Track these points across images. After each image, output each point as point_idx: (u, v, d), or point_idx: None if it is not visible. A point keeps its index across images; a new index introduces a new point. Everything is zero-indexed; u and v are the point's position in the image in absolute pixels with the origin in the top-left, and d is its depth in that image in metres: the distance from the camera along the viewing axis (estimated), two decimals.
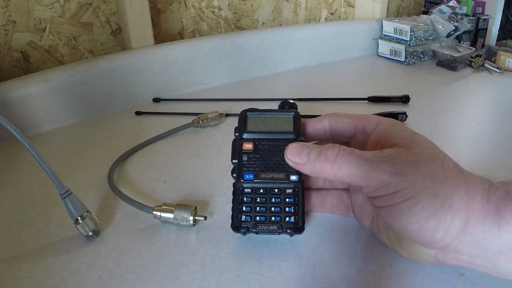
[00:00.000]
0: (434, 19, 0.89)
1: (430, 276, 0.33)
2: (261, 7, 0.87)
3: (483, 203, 0.28)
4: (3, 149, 0.53)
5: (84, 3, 0.66)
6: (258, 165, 0.35)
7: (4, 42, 0.61)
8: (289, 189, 0.35)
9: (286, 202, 0.35)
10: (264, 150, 0.36)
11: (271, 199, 0.35)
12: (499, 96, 0.74)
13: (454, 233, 0.28)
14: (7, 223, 0.40)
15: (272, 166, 0.35)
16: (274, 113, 0.38)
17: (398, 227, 0.29)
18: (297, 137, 0.36)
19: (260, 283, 0.32)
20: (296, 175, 0.35)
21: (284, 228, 0.34)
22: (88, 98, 0.62)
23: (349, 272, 0.33)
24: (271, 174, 0.35)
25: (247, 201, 0.35)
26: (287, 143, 0.34)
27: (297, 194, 0.35)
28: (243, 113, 0.38)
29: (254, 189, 0.35)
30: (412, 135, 0.31)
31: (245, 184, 0.35)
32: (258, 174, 0.35)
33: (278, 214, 0.34)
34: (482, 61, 0.85)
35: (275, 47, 0.82)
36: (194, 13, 0.78)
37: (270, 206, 0.35)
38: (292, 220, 0.34)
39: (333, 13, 1.00)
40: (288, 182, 0.35)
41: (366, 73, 0.87)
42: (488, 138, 0.57)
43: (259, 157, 0.36)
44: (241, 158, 0.36)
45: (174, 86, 0.70)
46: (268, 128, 0.37)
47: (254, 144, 0.36)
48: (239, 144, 0.36)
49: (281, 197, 0.35)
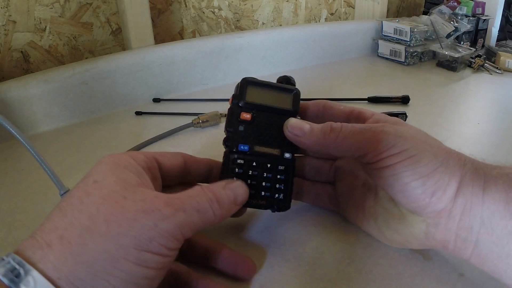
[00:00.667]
0: (434, 19, 0.89)
1: (430, 276, 0.33)
2: (261, 7, 0.87)
3: (472, 169, 0.30)
4: (3, 149, 0.53)
5: (84, 3, 0.66)
6: (254, 138, 0.34)
7: (4, 42, 0.61)
8: (281, 165, 0.34)
9: (277, 179, 0.34)
10: (261, 122, 0.35)
11: (263, 174, 0.34)
12: (499, 96, 0.74)
13: (450, 194, 0.29)
14: (7, 223, 0.40)
15: (268, 140, 0.34)
16: (274, 86, 0.37)
17: (399, 188, 0.30)
18: (294, 115, 0.35)
19: (260, 284, 0.32)
20: (289, 153, 0.34)
21: (272, 204, 0.34)
22: (88, 98, 0.62)
23: (349, 272, 0.33)
24: (266, 148, 0.34)
25: (239, 172, 0.33)
26: (284, 120, 0.34)
27: (288, 172, 0.34)
28: (243, 81, 0.36)
29: (247, 161, 0.34)
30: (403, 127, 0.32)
31: (238, 155, 0.34)
32: (253, 146, 0.34)
33: (268, 189, 0.34)
34: (482, 61, 0.85)
35: (275, 47, 0.82)
36: (194, 13, 0.78)
37: (261, 181, 0.34)
38: (281, 197, 0.34)
39: (333, 13, 1.00)
40: (281, 159, 0.34)
41: (366, 73, 0.87)
42: (488, 138, 0.57)
43: (255, 129, 0.34)
44: (237, 127, 0.34)
45: (174, 86, 0.70)
46: (267, 101, 0.35)
47: (252, 115, 0.35)
48: (236, 112, 0.35)
49: (272, 173, 0.34)
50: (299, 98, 0.36)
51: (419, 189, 0.29)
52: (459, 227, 0.30)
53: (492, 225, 0.28)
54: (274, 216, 0.40)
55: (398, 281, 0.33)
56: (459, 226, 0.30)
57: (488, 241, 0.29)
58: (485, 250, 0.29)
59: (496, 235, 0.28)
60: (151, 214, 0.24)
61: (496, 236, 0.28)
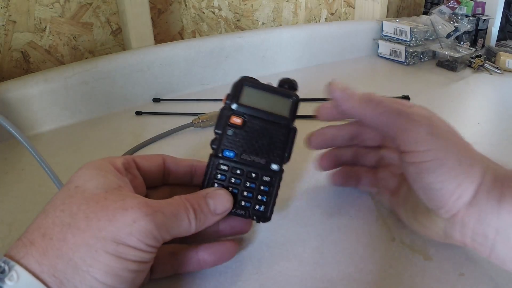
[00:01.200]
0: (434, 19, 0.89)
1: (430, 276, 0.33)
2: (261, 7, 0.87)
3: (492, 179, 0.30)
4: (3, 149, 0.53)
5: (84, 3, 0.66)
6: (242, 145, 0.33)
7: (4, 42, 0.61)
8: (266, 177, 0.33)
9: (260, 190, 0.33)
10: (252, 129, 0.33)
11: (245, 183, 0.33)
12: (499, 96, 0.74)
13: (466, 200, 0.29)
14: (7, 223, 0.40)
15: (256, 149, 0.33)
16: (272, 90, 0.34)
17: (421, 185, 0.31)
18: (289, 124, 0.34)
19: (260, 283, 0.32)
20: (277, 165, 0.33)
21: (252, 214, 0.33)
22: (88, 98, 0.62)
23: (349, 272, 0.34)
24: (253, 157, 0.33)
25: (221, 178, 0.32)
26: (278, 129, 0.33)
27: (273, 184, 0.33)
28: (240, 80, 0.34)
29: (231, 168, 0.33)
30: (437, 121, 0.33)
31: (223, 160, 0.33)
32: (239, 153, 0.33)
33: (249, 199, 0.33)
34: (482, 61, 0.85)
35: (275, 47, 0.82)
36: (194, 13, 0.78)
37: (243, 190, 0.33)
38: (261, 209, 0.33)
39: (333, 13, 1.00)
40: (268, 169, 0.33)
41: (366, 73, 0.87)
42: (488, 138, 0.57)
43: (245, 135, 0.33)
44: (225, 131, 0.33)
45: (174, 86, 0.70)
46: (262, 106, 0.34)
47: (243, 120, 0.33)
48: (227, 115, 0.33)
49: (256, 183, 0.33)
50: (298, 106, 0.35)
51: (438, 191, 0.30)
52: (473, 233, 0.30)
53: (508, 235, 0.28)
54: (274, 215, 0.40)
55: (398, 281, 0.33)
56: (474, 233, 0.30)
57: (504, 248, 0.29)
58: (503, 254, 0.29)
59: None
60: (130, 211, 0.25)
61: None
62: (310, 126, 0.62)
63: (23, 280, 0.22)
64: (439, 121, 0.32)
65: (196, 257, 0.32)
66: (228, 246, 0.33)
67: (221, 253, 0.32)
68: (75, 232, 0.23)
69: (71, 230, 0.24)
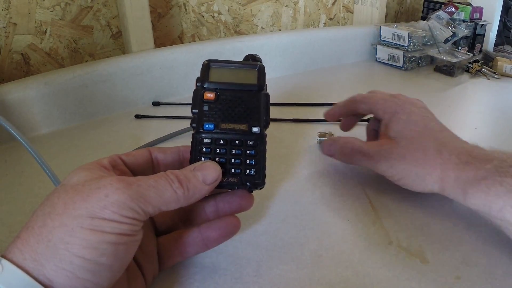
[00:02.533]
0: (432, 24, 0.89)
1: (427, 279, 0.33)
2: (260, 12, 0.87)
3: (455, 177, 0.37)
4: (3, 151, 0.54)
5: (84, 7, 0.66)
6: (219, 115, 0.34)
7: (4, 44, 0.61)
8: (250, 141, 0.33)
9: (247, 155, 0.33)
10: (226, 100, 0.34)
11: (231, 151, 0.33)
12: (497, 101, 0.74)
13: (435, 190, 0.39)
14: (7, 224, 0.40)
15: (234, 116, 0.34)
16: (237, 64, 0.37)
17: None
18: (260, 89, 0.35)
19: (259, 286, 0.33)
20: (257, 127, 0.34)
21: (244, 181, 0.32)
22: (88, 101, 0.62)
23: (347, 275, 0.34)
24: (232, 125, 0.33)
25: (206, 151, 0.33)
26: (251, 95, 0.34)
27: (258, 146, 0.33)
28: (205, 63, 0.36)
29: (214, 139, 0.33)
30: (403, 127, 0.42)
31: (205, 134, 0.33)
32: (218, 124, 0.33)
33: (238, 166, 0.33)
34: (479, 66, 0.86)
35: (274, 52, 0.82)
36: (194, 18, 0.79)
37: (230, 158, 0.33)
38: (252, 173, 0.33)
39: (331, 18, 1.01)
40: (249, 133, 0.33)
41: (364, 78, 0.88)
42: (486, 143, 0.57)
43: (220, 107, 0.34)
44: (201, 107, 0.34)
45: (174, 90, 0.71)
46: (231, 79, 0.35)
47: (215, 94, 0.34)
48: (200, 94, 0.35)
49: (241, 149, 0.33)
50: (264, 72, 0.36)
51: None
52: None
53: None
54: (273, 218, 0.40)
55: (395, 284, 0.33)
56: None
57: None
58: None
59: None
60: (103, 188, 0.25)
61: None
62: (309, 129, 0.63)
63: (7, 270, 0.22)
64: (393, 147, 0.42)
65: (200, 236, 0.33)
66: (230, 220, 0.33)
67: (224, 227, 0.33)
68: (54, 217, 0.24)
69: (50, 216, 0.24)
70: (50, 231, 0.24)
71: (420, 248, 0.36)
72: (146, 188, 0.27)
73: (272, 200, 0.44)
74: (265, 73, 0.36)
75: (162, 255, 0.33)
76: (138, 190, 0.26)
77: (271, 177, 0.48)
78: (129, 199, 0.25)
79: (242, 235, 0.38)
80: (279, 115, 0.63)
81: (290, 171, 0.49)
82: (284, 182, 0.47)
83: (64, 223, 0.24)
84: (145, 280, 0.31)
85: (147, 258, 0.32)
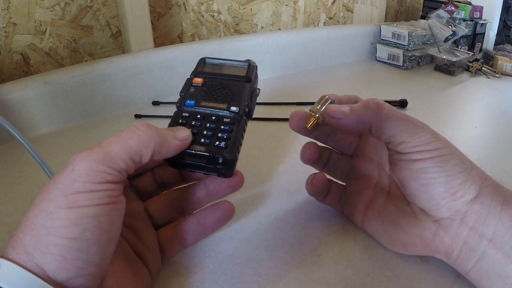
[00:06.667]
0: (432, 23, 0.89)
1: (427, 279, 0.33)
2: (260, 11, 0.87)
3: (493, 185, 0.31)
4: (3, 151, 0.54)
5: (84, 6, 0.66)
6: (202, 95, 0.35)
7: (4, 44, 0.61)
8: (227, 118, 0.33)
9: (221, 129, 0.32)
10: (213, 85, 0.36)
11: (206, 124, 0.33)
12: (497, 100, 0.74)
13: (468, 198, 0.30)
14: (6, 224, 0.40)
15: (216, 97, 0.35)
16: (230, 61, 0.39)
17: (425, 181, 0.31)
18: (248, 81, 0.36)
19: (259, 285, 0.33)
20: (237, 107, 0.34)
21: (212, 152, 0.31)
22: (88, 101, 0.62)
23: (347, 274, 0.34)
24: (213, 103, 0.34)
25: (182, 122, 0.33)
26: (237, 83, 0.35)
27: (234, 125, 0.33)
28: (201, 58, 0.39)
29: (192, 113, 0.34)
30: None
31: (185, 108, 0.34)
32: (199, 101, 0.34)
33: (209, 137, 0.32)
34: (479, 65, 0.86)
35: (274, 51, 0.82)
36: (194, 17, 0.79)
37: (203, 130, 0.32)
38: (222, 145, 0.31)
39: (331, 17, 1.01)
40: (228, 111, 0.33)
41: (364, 77, 0.88)
42: (486, 142, 0.57)
43: (205, 89, 0.35)
44: (188, 90, 0.36)
45: (173, 89, 0.71)
46: (221, 71, 0.37)
47: (203, 79, 0.36)
48: (190, 79, 0.37)
49: (216, 124, 0.33)
50: (254, 69, 0.37)
51: (442, 186, 0.30)
52: (469, 234, 0.30)
53: (502, 240, 0.29)
54: (272, 218, 0.40)
55: (396, 283, 0.33)
56: (470, 233, 0.30)
57: (494, 256, 0.29)
58: (487, 266, 0.29)
59: (504, 251, 0.29)
60: (69, 164, 0.25)
61: (503, 253, 0.29)
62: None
63: (4, 268, 0.23)
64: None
65: (197, 223, 0.33)
66: (223, 205, 0.34)
67: (218, 213, 0.34)
68: (34, 208, 0.24)
69: (31, 208, 0.25)
70: (32, 221, 0.24)
71: None
72: (109, 146, 0.27)
73: (272, 199, 0.43)
74: (255, 69, 0.37)
75: (163, 246, 0.33)
76: (100, 151, 0.26)
77: (271, 176, 0.48)
78: (94, 164, 0.25)
79: (242, 235, 0.38)
80: (279, 115, 0.63)
81: (290, 170, 0.49)
82: (284, 181, 0.47)
83: (42, 209, 0.24)
84: (150, 271, 0.31)
85: (149, 250, 0.32)
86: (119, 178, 0.26)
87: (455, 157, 0.31)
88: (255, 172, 0.49)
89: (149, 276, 0.31)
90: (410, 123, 0.32)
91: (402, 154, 0.32)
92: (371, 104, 0.33)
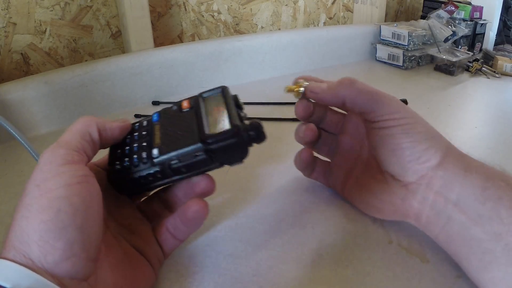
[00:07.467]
0: (432, 24, 0.89)
1: (427, 279, 0.33)
2: (260, 11, 0.87)
3: (457, 154, 0.34)
4: (3, 151, 0.54)
5: (84, 6, 0.66)
6: (169, 122, 0.34)
7: (4, 44, 0.61)
8: (146, 154, 0.31)
9: (139, 155, 0.31)
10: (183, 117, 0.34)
11: (135, 143, 0.33)
12: (496, 100, 0.74)
13: (433, 163, 0.33)
14: (6, 224, 0.40)
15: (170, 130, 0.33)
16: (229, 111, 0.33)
17: (392, 147, 0.34)
18: (203, 144, 0.30)
19: (259, 285, 0.33)
20: (157, 150, 0.31)
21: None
22: (88, 101, 0.62)
23: (346, 274, 0.34)
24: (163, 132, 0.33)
25: (134, 128, 0.35)
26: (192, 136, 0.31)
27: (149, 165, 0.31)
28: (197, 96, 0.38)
29: (143, 127, 0.35)
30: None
31: (147, 120, 0.36)
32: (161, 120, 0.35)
33: (127, 155, 0.32)
34: (479, 65, 0.86)
35: (274, 51, 0.82)
36: (194, 17, 0.79)
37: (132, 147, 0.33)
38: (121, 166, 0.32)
39: (331, 17, 1.01)
40: (150, 151, 0.31)
41: (364, 77, 0.88)
42: (485, 142, 0.57)
43: (177, 118, 0.34)
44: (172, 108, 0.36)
45: (173, 89, 0.71)
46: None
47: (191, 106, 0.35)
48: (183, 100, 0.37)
49: (138, 152, 0.32)
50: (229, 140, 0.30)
51: (408, 150, 0.33)
52: (435, 199, 0.32)
53: (465, 205, 0.31)
54: (272, 218, 0.40)
55: (395, 283, 0.33)
56: (436, 198, 0.32)
57: (459, 219, 0.31)
58: (454, 229, 0.32)
59: (468, 215, 0.31)
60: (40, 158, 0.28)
61: (467, 216, 0.31)
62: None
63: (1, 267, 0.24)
64: None
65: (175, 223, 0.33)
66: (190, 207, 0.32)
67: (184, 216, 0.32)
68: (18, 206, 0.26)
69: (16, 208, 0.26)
70: (15, 218, 0.25)
71: (420, 247, 0.36)
72: (62, 136, 0.31)
73: (272, 199, 0.43)
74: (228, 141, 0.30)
75: (160, 241, 0.33)
76: (57, 141, 0.30)
77: (271, 176, 0.48)
78: (53, 150, 0.28)
79: (242, 234, 0.38)
80: (279, 115, 0.63)
81: (290, 170, 0.49)
82: (283, 181, 0.47)
83: (22, 204, 0.25)
84: (152, 266, 0.32)
85: (148, 244, 0.32)
86: (79, 157, 0.29)
87: (421, 126, 0.34)
88: (255, 172, 0.49)
89: (151, 269, 0.32)
90: (380, 95, 0.36)
91: (373, 123, 0.35)
92: (345, 80, 0.36)
